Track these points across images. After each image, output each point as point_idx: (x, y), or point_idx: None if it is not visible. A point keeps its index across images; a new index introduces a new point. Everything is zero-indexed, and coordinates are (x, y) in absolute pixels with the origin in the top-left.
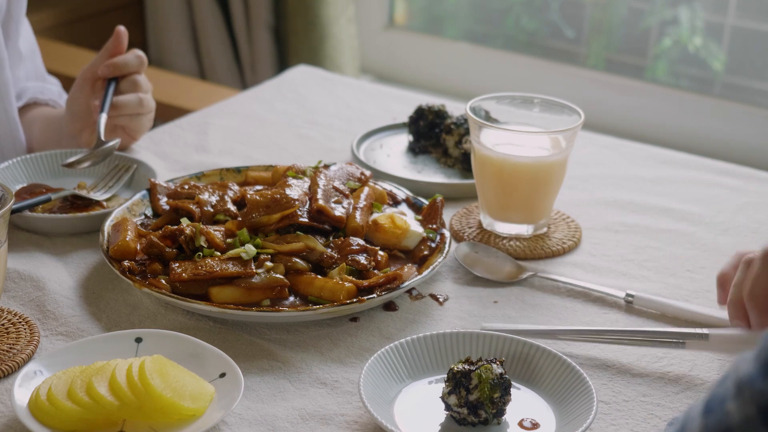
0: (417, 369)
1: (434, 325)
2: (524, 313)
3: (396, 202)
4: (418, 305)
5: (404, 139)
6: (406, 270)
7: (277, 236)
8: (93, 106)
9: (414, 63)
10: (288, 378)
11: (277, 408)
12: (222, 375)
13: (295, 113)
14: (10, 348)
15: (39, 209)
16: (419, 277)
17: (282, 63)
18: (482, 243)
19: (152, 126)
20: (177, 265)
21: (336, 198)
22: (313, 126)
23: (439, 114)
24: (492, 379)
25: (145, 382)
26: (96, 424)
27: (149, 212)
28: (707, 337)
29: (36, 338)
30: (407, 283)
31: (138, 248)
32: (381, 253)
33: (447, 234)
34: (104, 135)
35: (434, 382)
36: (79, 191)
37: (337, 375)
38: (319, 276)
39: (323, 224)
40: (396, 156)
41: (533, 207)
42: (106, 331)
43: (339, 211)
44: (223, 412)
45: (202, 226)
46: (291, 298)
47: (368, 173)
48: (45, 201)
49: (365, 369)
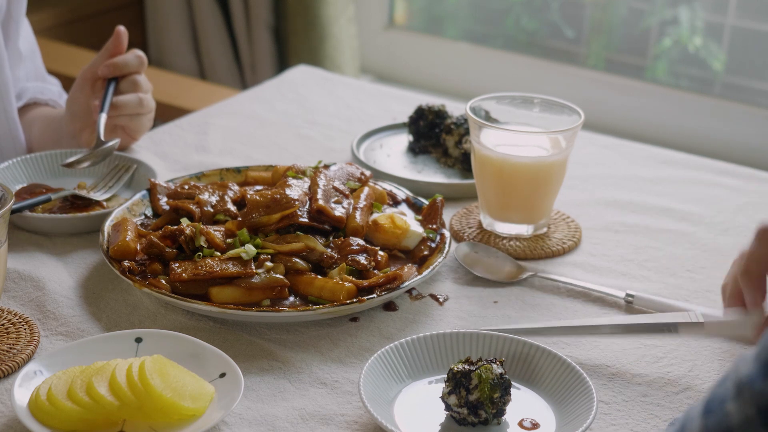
0: (417, 369)
1: (434, 325)
2: (524, 313)
3: (396, 202)
4: (418, 305)
5: (404, 139)
6: (406, 270)
7: (277, 236)
8: (93, 106)
9: (414, 63)
10: (288, 378)
11: (277, 408)
12: (222, 375)
13: (295, 113)
14: (10, 348)
15: (39, 209)
16: (419, 277)
17: (282, 63)
18: (482, 243)
19: (152, 126)
20: (177, 265)
21: (336, 198)
22: (313, 126)
23: (439, 114)
24: (492, 379)
25: (145, 382)
26: (96, 424)
27: (149, 212)
28: (702, 325)
29: (36, 338)
30: (407, 283)
31: (138, 248)
32: (381, 253)
33: (447, 234)
34: (104, 135)
35: (434, 382)
36: (79, 191)
37: (337, 375)
38: (319, 276)
39: (323, 224)
40: (396, 156)
41: (533, 207)
42: (106, 331)
43: (339, 211)
44: (223, 412)
45: (202, 226)
46: (291, 298)
47: (368, 173)
48: (45, 201)
49: (365, 369)
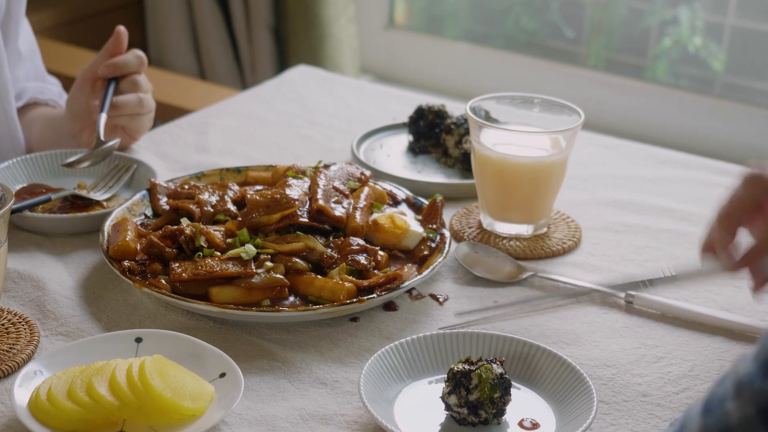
0: (417, 369)
1: (434, 325)
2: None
3: (396, 202)
4: (418, 305)
5: (404, 139)
6: (406, 270)
7: (277, 236)
8: (93, 106)
9: (414, 63)
10: (288, 378)
11: (277, 408)
12: (222, 375)
13: (295, 113)
14: (10, 348)
15: (39, 209)
16: (419, 277)
17: (282, 63)
18: (482, 243)
19: (152, 126)
20: (177, 265)
21: (336, 198)
22: (313, 126)
23: (439, 114)
24: (492, 379)
25: (145, 382)
26: (96, 424)
27: (149, 212)
28: (674, 277)
29: (36, 338)
30: (407, 283)
31: (138, 248)
32: (381, 253)
33: (447, 234)
34: (104, 135)
35: (434, 382)
36: (79, 191)
37: (337, 375)
38: (319, 276)
39: (323, 224)
40: (396, 156)
41: (533, 207)
42: (106, 331)
43: (339, 211)
44: (223, 412)
45: (202, 226)
46: (291, 298)
47: (368, 173)
48: (45, 201)
49: (365, 369)
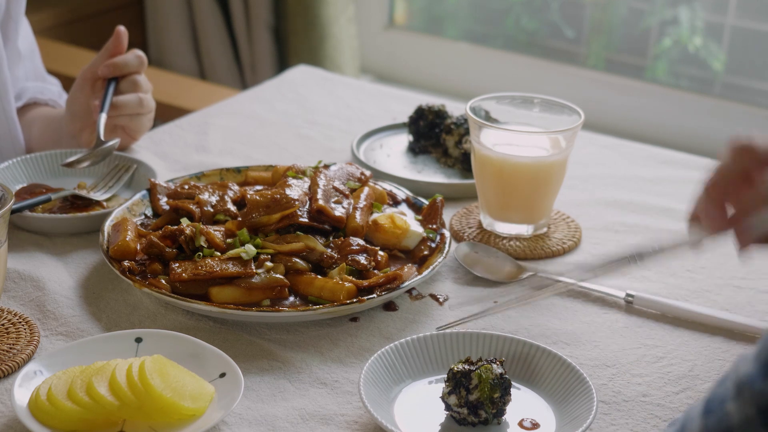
0: (417, 369)
1: (434, 325)
2: (524, 313)
3: (396, 202)
4: (418, 305)
5: (404, 139)
6: (406, 270)
7: (277, 236)
8: (93, 106)
9: (414, 63)
10: (288, 378)
11: (277, 408)
12: (222, 375)
13: (295, 113)
14: (10, 348)
15: (39, 209)
16: (419, 277)
17: (282, 63)
18: (482, 243)
19: (152, 126)
20: (177, 265)
21: (336, 198)
22: (313, 126)
23: (439, 114)
24: (492, 379)
25: (145, 382)
26: (96, 424)
27: (149, 212)
28: (661, 249)
29: (36, 338)
30: (407, 283)
31: (138, 248)
32: (381, 253)
33: (447, 234)
34: (104, 135)
35: (434, 382)
36: (79, 191)
37: (337, 375)
38: (319, 276)
39: (323, 224)
40: (396, 156)
41: (533, 207)
42: (106, 331)
43: (339, 211)
44: (223, 412)
45: (202, 226)
46: (291, 298)
47: (368, 173)
48: (45, 201)
49: (365, 369)
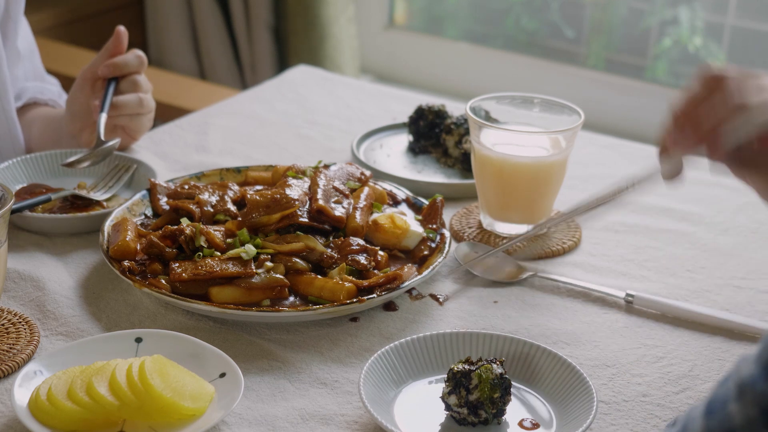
0: (417, 369)
1: (434, 325)
2: (524, 313)
3: (396, 202)
4: (418, 305)
5: (404, 139)
6: (406, 270)
7: (277, 236)
8: (93, 106)
9: (414, 63)
10: (288, 378)
11: (277, 408)
12: (222, 375)
13: (295, 113)
14: (10, 348)
15: (39, 209)
16: (419, 277)
17: (282, 63)
18: (482, 243)
19: (152, 126)
20: (177, 265)
21: (336, 198)
22: (313, 126)
23: (439, 114)
24: (492, 379)
25: (145, 382)
26: (96, 424)
27: (149, 212)
28: (635, 186)
29: (36, 338)
30: (407, 283)
31: (138, 248)
32: (381, 253)
33: (447, 234)
34: (104, 135)
35: (434, 382)
36: (79, 191)
37: (337, 375)
38: (319, 276)
39: (323, 224)
40: (396, 156)
41: (533, 207)
42: (106, 331)
43: (339, 211)
44: (223, 412)
45: (202, 226)
46: (291, 298)
47: (368, 173)
48: (45, 201)
49: (365, 369)
